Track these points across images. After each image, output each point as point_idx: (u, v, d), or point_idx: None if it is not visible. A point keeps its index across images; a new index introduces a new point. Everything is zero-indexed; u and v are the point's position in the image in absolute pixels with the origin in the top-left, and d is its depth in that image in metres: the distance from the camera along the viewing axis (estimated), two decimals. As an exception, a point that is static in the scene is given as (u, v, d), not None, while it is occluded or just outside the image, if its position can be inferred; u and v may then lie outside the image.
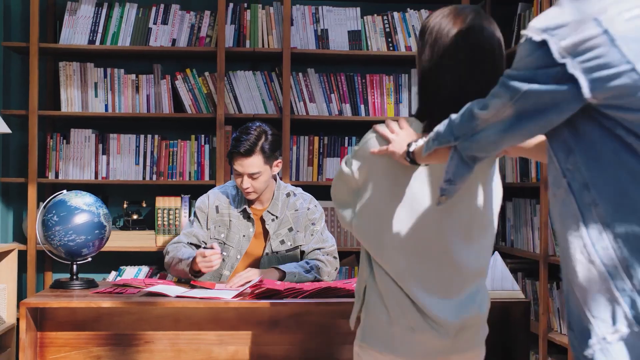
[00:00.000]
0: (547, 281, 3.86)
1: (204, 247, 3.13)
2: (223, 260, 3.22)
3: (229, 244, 3.26)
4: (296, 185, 4.36)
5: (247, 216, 3.27)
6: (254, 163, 3.20)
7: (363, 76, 4.52)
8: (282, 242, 3.26)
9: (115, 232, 4.39)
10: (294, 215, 3.30)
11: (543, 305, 3.85)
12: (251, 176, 3.20)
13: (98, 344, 2.76)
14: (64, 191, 3.02)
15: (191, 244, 3.25)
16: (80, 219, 2.90)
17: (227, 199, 3.31)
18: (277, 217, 3.28)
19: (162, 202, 4.39)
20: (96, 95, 4.39)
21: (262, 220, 3.27)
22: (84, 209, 2.91)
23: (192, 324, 2.77)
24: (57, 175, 4.38)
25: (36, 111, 4.26)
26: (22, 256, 4.35)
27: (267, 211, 3.27)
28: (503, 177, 4.54)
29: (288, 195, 3.35)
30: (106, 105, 4.40)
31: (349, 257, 4.53)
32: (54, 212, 2.90)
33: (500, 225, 4.57)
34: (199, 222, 3.29)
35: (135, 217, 4.46)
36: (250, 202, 3.31)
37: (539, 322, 3.90)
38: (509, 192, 4.55)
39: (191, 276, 3.06)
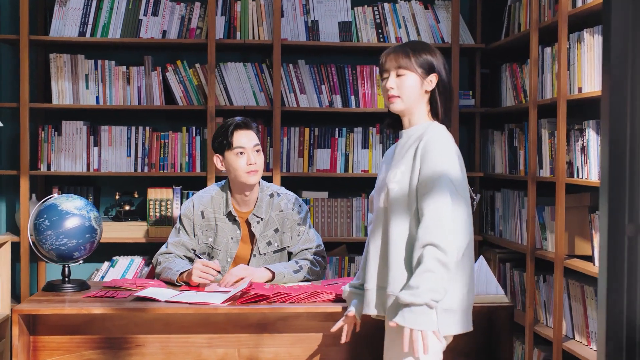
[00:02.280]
0: (533, 274, 3.91)
1: (199, 258, 3.16)
2: None
3: (217, 247, 3.28)
4: (287, 177, 4.42)
5: (232, 219, 3.29)
6: (254, 136, 3.27)
7: (353, 67, 4.54)
8: (269, 243, 3.29)
9: (107, 223, 4.43)
10: (279, 216, 3.31)
11: (529, 298, 3.91)
12: (255, 149, 3.24)
13: (90, 348, 2.81)
14: (55, 194, 3.05)
15: (185, 256, 3.27)
16: (71, 223, 2.93)
17: (211, 203, 3.31)
18: (262, 218, 3.29)
19: (153, 193, 4.43)
20: (87, 87, 4.41)
21: (248, 223, 3.30)
22: (75, 213, 2.94)
23: (182, 327, 2.82)
24: (49, 167, 4.40)
25: (27, 103, 4.28)
26: (15, 247, 4.39)
27: (253, 214, 3.29)
28: (492, 168, 4.58)
29: (272, 195, 3.34)
30: (97, 97, 4.41)
31: (339, 247, 4.59)
32: (45, 216, 2.93)
33: (490, 215, 4.62)
34: (185, 229, 3.30)
35: (127, 208, 4.50)
36: (236, 205, 3.32)
37: (525, 314, 3.96)
38: (498, 183, 4.59)
39: (177, 283, 3.09)
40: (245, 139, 3.25)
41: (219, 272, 3.06)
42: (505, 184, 4.51)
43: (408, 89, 2.56)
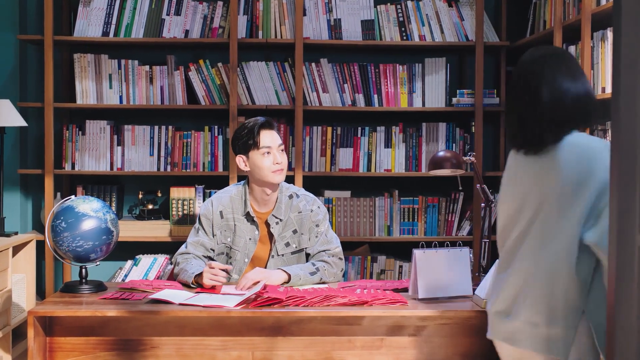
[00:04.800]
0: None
1: (212, 260, 3.17)
2: (230, 264, 3.27)
3: (235, 247, 3.29)
4: (309, 176, 4.41)
5: (251, 219, 3.30)
6: (277, 136, 3.28)
7: (376, 66, 4.51)
8: (287, 244, 3.29)
9: (131, 221, 4.46)
10: (298, 217, 3.31)
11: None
12: (279, 148, 3.25)
13: (105, 349, 2.83)
14: (72, 197, 3.07)
15: (204, 256, 3.28)
16: (87, 225, 2.94)
17: (230, 203, 3.31)
18: (281, 219, 3.29)
19: (176, 192, 4.45)
20: (110, 87, 4.43)
21: (267, 224, 3.30)
22: (91, 215, 2.96)
23: (197, 329, 2.82)
24: (73, 167, 4.44)
25: (52, 103, 4.32)
26: (40, 245, 4.44)
27: (272, 215, 3.29)
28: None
29: (290, 197, 3.34)
30: (120, 97, 4.44)
31: (362, 247, 4.56)
32: (61, 218, 2.95)
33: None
34: (204, 230, 3.30)
35: (150, 207, 4.53)
36: (255, 206, 3.32)
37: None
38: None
39: (193, 285, 3.10)
40: (271, 139, 3.26)
41: (228, 273, 3.06)
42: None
43: None
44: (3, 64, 4.51)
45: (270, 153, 3.24)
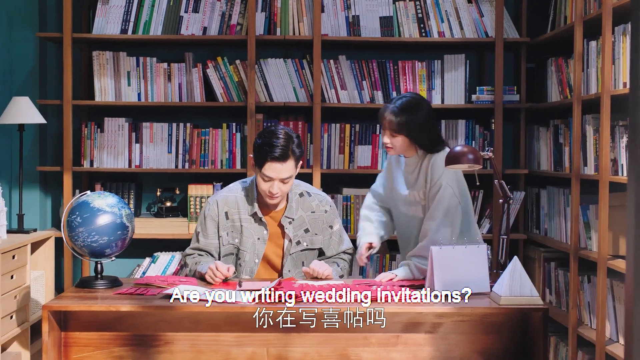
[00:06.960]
0: (577, 274, 3.80)
1: (217, 261, 3.14)
2: (240, 265, 3.24)
3: (243, 248, 3.23)
4: (327, 174, 4.40)
5: (258, 220, 3.24)
6: (287, 168, 3.10)
7: (395, 63, 4.47)
8: (298, 242, 3.25)
9: (149, 219, 4.47)
10: (311, 217, 3.27)
11: (573, 299, 3.80)
12: (282, 180, 3.11)
13: (120, 344, 2.82)
14: (88, 192, 3.07)
15: (209, 254, 3.25)
16: (102, 220, 2.94)
17: (236, 203, 3.23)
18: (293, 219, 3.26)
19: (194, 189, 4.45)
20: (129, 84, 4.44)
21: (281, 225, 3.25)
22: (107, 210, 2.96)
23: (211, 325, 2.81)
24: (91, 164, 4.45)
25: (70, 101, 4.34)
26: (59, 242, 4.45)
27: (285, 216, 3.23)
28: (538, 165, 4.47)
29: (301, 195, 3.28)
30: (139, 94, 4.44)
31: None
32: (77, 213, 2.95)
33: (535, 213, 4.51)
34: (207, 232, 3.24)
35: (168, 204, 4.53)
36: (263, 205, 3.24)
37: (568, 315, 3.85)
38: (544, 180, 4.47)
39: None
40: (275, 173, 3.08)
41: (228, 276, 3.05)
42: (550, 181, 4.40)
43: None
44: (22, 62, 4.54)
45: (269, 182, 3.12)
